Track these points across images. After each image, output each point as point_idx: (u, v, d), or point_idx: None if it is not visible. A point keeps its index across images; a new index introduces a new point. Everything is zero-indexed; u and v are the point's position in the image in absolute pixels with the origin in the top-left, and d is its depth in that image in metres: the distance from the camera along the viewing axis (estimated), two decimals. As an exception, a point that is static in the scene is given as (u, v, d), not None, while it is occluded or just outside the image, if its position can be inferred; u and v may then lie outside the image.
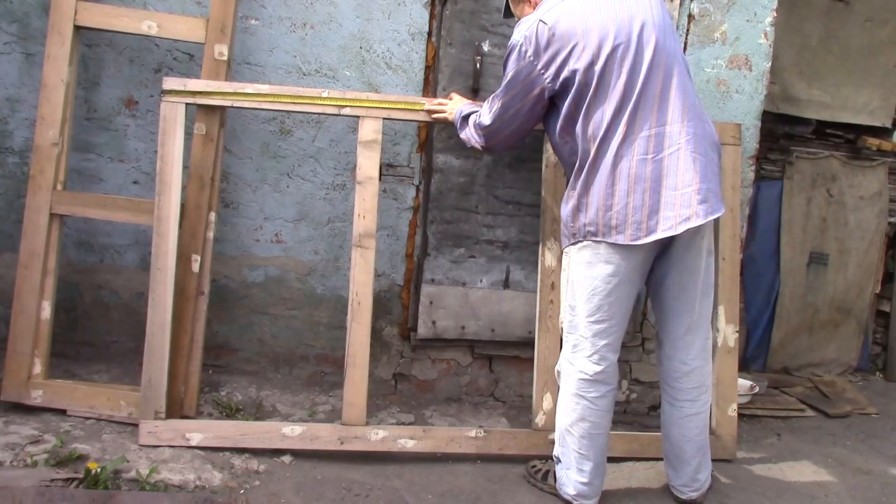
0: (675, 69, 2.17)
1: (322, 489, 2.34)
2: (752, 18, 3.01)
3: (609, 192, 2.14)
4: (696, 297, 2.32)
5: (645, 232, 2.15)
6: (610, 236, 2.16)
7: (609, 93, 2.12)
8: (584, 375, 2.26)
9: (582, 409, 2.27)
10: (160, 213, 2.52)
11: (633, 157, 2.12)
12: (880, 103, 4.00)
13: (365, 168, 2.61)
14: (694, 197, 2.13)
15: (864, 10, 3.87)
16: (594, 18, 2.13)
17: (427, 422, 2.88)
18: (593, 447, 2.30)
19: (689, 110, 2.16)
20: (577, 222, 2.23)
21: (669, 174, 2.13)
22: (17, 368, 2.54)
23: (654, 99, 2.13)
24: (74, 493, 2.04)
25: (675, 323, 2.35)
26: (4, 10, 2.73)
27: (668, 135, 2.13)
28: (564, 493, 2.36)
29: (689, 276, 2.29)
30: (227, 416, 2.70)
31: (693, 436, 2.40)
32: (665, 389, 2.45)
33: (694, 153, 2.14)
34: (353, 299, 2.56)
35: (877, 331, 4.29)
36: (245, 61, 2.80)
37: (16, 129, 2.79)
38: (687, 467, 2.43)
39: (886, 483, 2.83)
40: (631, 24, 2.13)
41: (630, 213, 2.13)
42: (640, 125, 2.12)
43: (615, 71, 2.12)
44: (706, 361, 2.41)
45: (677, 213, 2.13)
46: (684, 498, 2.45)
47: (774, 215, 3.92)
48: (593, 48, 2.11)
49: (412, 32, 2.86)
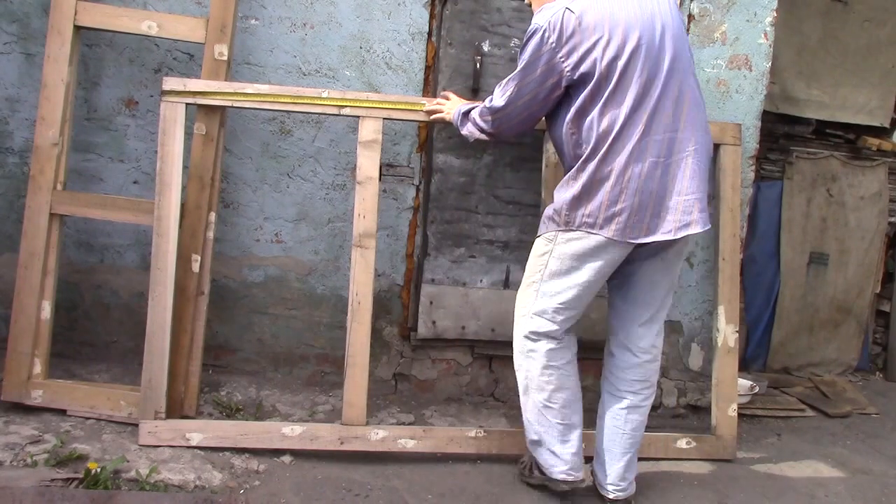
0: (689, 79, 2.22)
1: (322, 489, 2.34)
2: (752, 18, 3.01)
3: (618, 189, 2.15)
4: (662, 293, 2.38)
5: (645, 232, 2.18)
6: (608, 231, 2.17)
7: (628, 90, 2.13)
8: (552, 345, 2.29)
9: (557, 378, 2.30)
10: (160, 213, 2.52)
11: (646, 159, 2.14)
12: (879, 103, 4.00)
13: (365, 168, 2.61)
14: (696, 205, 2.19)
15: (863, 10, 3.88)
16: (620, 13, 2.14)
17: (427, 422, 2.88)
18: (575, 412, 2.35)
19: (697, 121, 2.22)
20: (575, 212, 2.21)
21: (677, 179, 2.17)
22: (17, 368, 2.53)
23: (671, 103, 2.16)
24: (74, 493, 2.04)
25: (635, 314, 2.38)
26: (4, 10, 2.73)
27: (679, 140, 2.18)
28: (557, 473, 2.35)
29: (662, 273, 2.34)
30: (227, 416, 2.70)
31: (629, 430, 2.39)
32: (608, 379, 2.44)
33: (699, 162, 2.20)
34: (353, 299, 2.56)
35: (877, 331, 4.29)
36: (245, 61, 2.80)
37: (16, 129, 2.79)
38: (616, 464, 2.39)
39: (886, 483, 2.83)
40: (654, 26, 2.15)
41: (634, 213, 2.16)
42: (656, 127, 2.15)
43: (637, 69, 2.13)
44: (655, 358, 2.42)
45: (678, 217, 2.18)
46: (612, 497, 2.40)
47: (774, 215, 3.93)
48: (618, 43, 2.12)
49: (412, 32, 2.86)
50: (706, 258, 3.09)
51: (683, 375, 3.22)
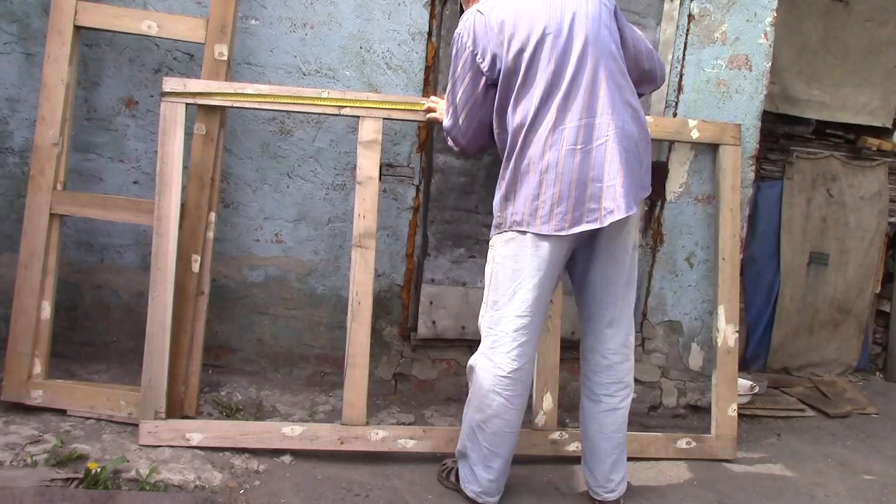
0: (607, 62, 2.16)
1: (322, 489, 2.34)
2: (752, 18, 3.01)
3: (537, 182, 2.12)
4: (619, 291, 2.32)
5: (570, 223, 2.13)
6: (535, 226, 2.14)
7: (536, 81, 2.12)
8: (503, 372, 2.22)
9: (497, 406, 2.25)
10: (160, 213, 2.52)
11: (561, 147, 2.11)
12: (880, 103, 4.00)
13: (365, 168, 2.61)
14: (619, 190, 2.12)
15: (864, 10, 3.88)
16: (526, 7, 2.15)
17: (427, 422, 2.88)
18: (504, 444, 2.29)
19: (618, 104, 2.15)
20: (504, 212, 2.21)
21: (596, 166, 2.12)
22: (17, 368, 2.53)
23: (584, 90, 2.12)
24: (74, 493, 2.04)
25: (599, 315, 2.34)
26: (4, 10, 2.73)
27: (597, 126, 2.13)
28: (469, 491, 2.34)
29: (612, 268, 2.29)
30: (227, 416, 2.70)
31: (610, 432, 2.37)
32: (585, 384, 2.41)
33: (620, 146, 2.13)
34: (353, 299, 2.56)
35: (877, 331, 4.30)
36: (245, 61, 2.80)
37: (16, 129, 2.79)
38: (601, 466, 2.38)
39: (886, 483, 2.83)
40: (562, 15, 2.14)
41: (556, 204, 2.12)
42: (570, 115, 2.12)
43: (543, 59, 2.12)
44: (626, 358, 2.37)
45: (602, 205, 2.12)
46: (599, 499, 2.41)
47: (774, 215, 3.93)
48: (523, 36, 2.13)
49: (412, 32, 2.86)
50: (706, 258, 3.09)
51: (683, 375, 3.22)
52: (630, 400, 2.42)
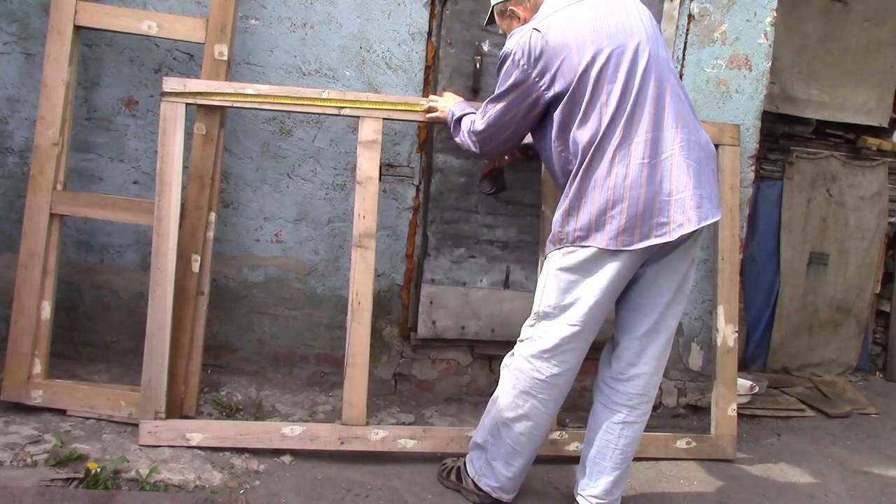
0: (669, 78, 2.19)
1: (322, 489, 2.34)
2: (752, 18, 3.01)
3: (604, 197, 2.11)
4: (666, 301, 2.26)
5: (638, 237, 2.12)
6: (601, 241, 2.13)
7: (604, 99, 2.12)
8: (541, 376, 2.22)
9: (529, 408, 2.24)
10: (160, 213, 2.52)
11: (629, 162, 2.10)
12: (878, 103, 4.00)
13: (365, 168, 2.61)
14: (688, 202, 2.12)
15: (863, 10, 3.88)
16: (586, 27, 2.14)
17: (427, 422, 2.88)
18: (530, 445, 2.29)
19: (682, 118, 2.17)
20: (566, 227, 2.19)
21: (664, 179, 2.12)
22: (17, 368, 2.53)
23: (649, 105, 2.13)
24: (74, 493, 2.04)
25: (637, 321, 2.27)
26: (4, 10, 2.73)
27: (664, 140, 2.13)
28: (484, 484, 2.33)
29: (665, 276, 2.24)
30: (227, 416, 2.70)
31: (621, 445, 2.29)
32: (602, 391, 2.34)
33: (688, 159, 2.14)
34: (353, 299, 2.56)
35: (877, 331, 4.30)
36: (245, 61, 2.80)
37: (16, 129, 2.79)
38: (605, 478, 2.30)
39: (886, 483, 2.83)
40: (625, 34, 2.15)
41: (624, 218, 2.10)
42: (635, 130, 2.12)
43: (610, 78, 2.12)
44: (657, 372, 2.30)
45: (672, 218, 2.11)
46: None
47: (774, 215, 3.93)
48: (588, 56, 2.12)
49: (412, 32, 2.86)
50: (706, 258, 3.09)
51: (683, 375, 3.22)
52: (649, 410, 2.34)
